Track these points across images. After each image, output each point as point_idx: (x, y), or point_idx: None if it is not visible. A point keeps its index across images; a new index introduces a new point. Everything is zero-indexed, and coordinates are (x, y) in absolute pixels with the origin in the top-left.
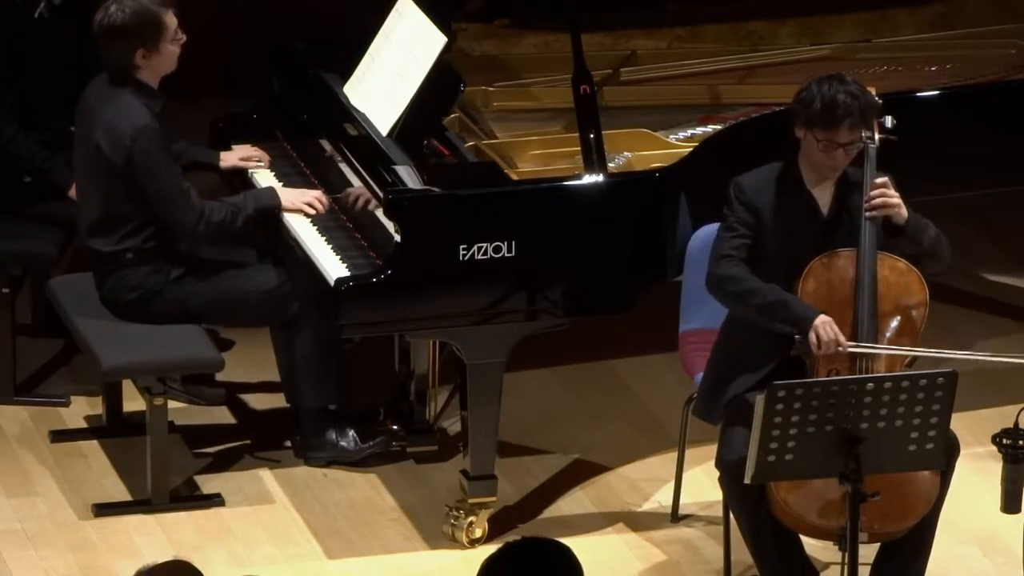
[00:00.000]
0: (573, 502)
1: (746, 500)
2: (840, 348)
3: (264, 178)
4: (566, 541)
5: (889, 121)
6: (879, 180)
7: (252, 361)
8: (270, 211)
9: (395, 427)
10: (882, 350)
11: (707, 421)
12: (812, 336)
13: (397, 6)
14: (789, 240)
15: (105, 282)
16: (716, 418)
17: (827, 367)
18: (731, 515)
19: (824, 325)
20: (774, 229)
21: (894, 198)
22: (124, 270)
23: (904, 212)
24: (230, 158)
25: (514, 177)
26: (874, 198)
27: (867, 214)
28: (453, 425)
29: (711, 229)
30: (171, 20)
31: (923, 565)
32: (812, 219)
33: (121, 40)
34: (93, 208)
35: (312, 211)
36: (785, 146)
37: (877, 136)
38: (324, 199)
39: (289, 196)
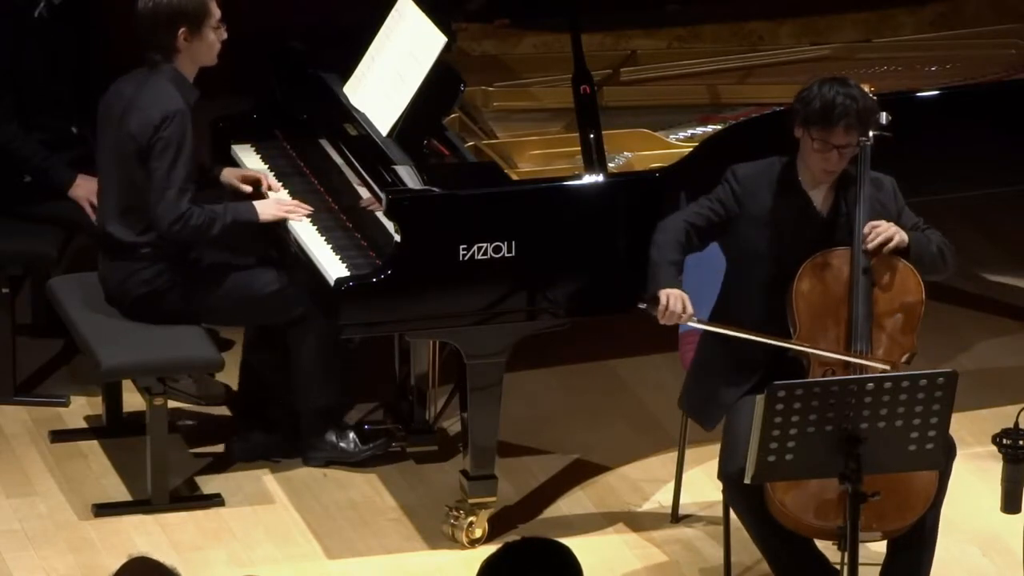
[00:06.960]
0: (573, 502)
1: (753, 512)
2: (682, 318)
3: None
4: (566, 541)
5: (884, 118)
6: (866, 226)
7: None
8: (248, 224)
9: (396, 427)
10: (728, 332)
11: (700, 423)
12: (662, 297)
13: (397, 6)
14: (783, 239)
15: (115, 273)
16: (710, 423)
17: (822, 368)
18: (731, 515)
19: (674, 295)
20: (766, 225)
21: (889, 231)
22: (138, 263)
23: (904, 240)
24: (230, 175)
25: (514, 177)
26: (870, 241)
27: (868, 247)
28: (453, 425)
29: None
30: (215, 8)
31: (929, 559)
32: (807, 219)
33: (165, 19)
34: (116, 195)
35: (296, 218)
36: (785, 146)
37: (872, 132)
38: (303, 205)
39: (268, 208)
